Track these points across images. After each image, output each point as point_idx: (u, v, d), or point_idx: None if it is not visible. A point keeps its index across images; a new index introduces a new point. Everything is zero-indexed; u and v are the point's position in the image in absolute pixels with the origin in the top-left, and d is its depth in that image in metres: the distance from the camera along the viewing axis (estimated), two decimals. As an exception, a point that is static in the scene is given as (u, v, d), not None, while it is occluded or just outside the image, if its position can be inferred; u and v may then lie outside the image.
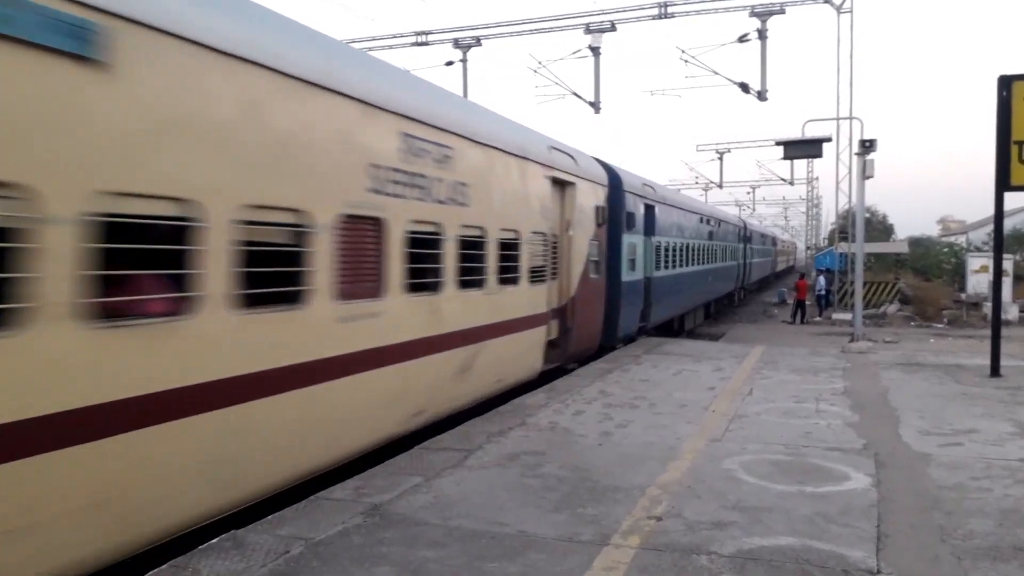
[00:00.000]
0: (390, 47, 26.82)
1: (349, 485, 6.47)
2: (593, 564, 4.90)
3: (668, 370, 13.26)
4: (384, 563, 4.89)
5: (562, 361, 12.85)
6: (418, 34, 26.91)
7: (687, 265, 22.99)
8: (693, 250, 23.95)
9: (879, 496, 6.30)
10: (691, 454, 7.59)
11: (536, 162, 11.39)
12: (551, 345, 12.36)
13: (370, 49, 24.75)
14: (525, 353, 11.25)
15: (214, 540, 5.20)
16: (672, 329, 22.44)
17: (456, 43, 27.10)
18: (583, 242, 13.57)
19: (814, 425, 8.94)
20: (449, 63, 27.46)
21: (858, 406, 10.12)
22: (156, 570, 4.74)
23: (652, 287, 18.52)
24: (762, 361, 14.54)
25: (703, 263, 25.98)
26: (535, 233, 11.36)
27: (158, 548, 5.10)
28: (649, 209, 18.21)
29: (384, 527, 5.51)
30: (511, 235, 10.45)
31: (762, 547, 5.18)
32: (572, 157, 13.29)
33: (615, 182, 15.70)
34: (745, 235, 39.60)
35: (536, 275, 11.38)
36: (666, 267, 20.08)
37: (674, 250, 21.12)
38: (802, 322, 29.04)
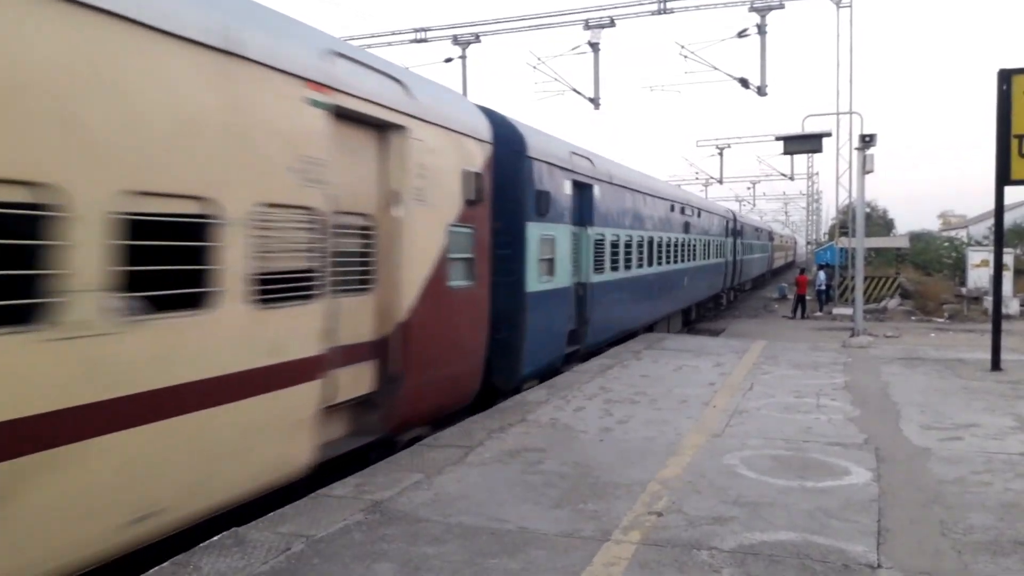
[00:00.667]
0: (389, 44, 26.79)
1: (350, 482, 6.48)
2: (594, 560, 4.90)
3: (668, 366, 13.26)
4: (385, 560, 4.89)
5: (388, 431, 7.65)
6: (417, 31, 26.88)
7: (651, 264, 18.59)
8: (660, 246, 19.53)
9: (880, 491, 6.30)
10: (692, 450, 7.60)
11: (273, 69, 5.92)
12: (363, 406, 7.43)
13: (368, 46, 24.72)
14: (243, 445, 5.72)
15: (215, 538, 5.21)
16: None
17: (455, 40, 27.05)
18: (432, 230, 8.27)
19: (815, 420, 8.94)
20: (448, 60, 27.43)
21: (859, 401, 10.12)
22: (157, 568, 4.75)
23: (590, 296, 13.79)
24: (762, 356, 14.54)
25: (676, 261, 21.52)
26: (279, 208, 5.97)
27: (158, 546, 5.10)
28: (583, 189, 13.66)
29: (385, 524, 5.52)
30: (186, 209, 5.26)
31: (763, 542, 5.18)
32: (400, 83, 7.77)
33: (511, 143, 10.62)
34: (735, 228, 34.70)
35: (283, 289, 6.00)
36: (615, 268, 15.44)
37: (628, 246, 16.48)
38: (803, 317, 29.04)
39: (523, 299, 10.98)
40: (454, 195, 8.77)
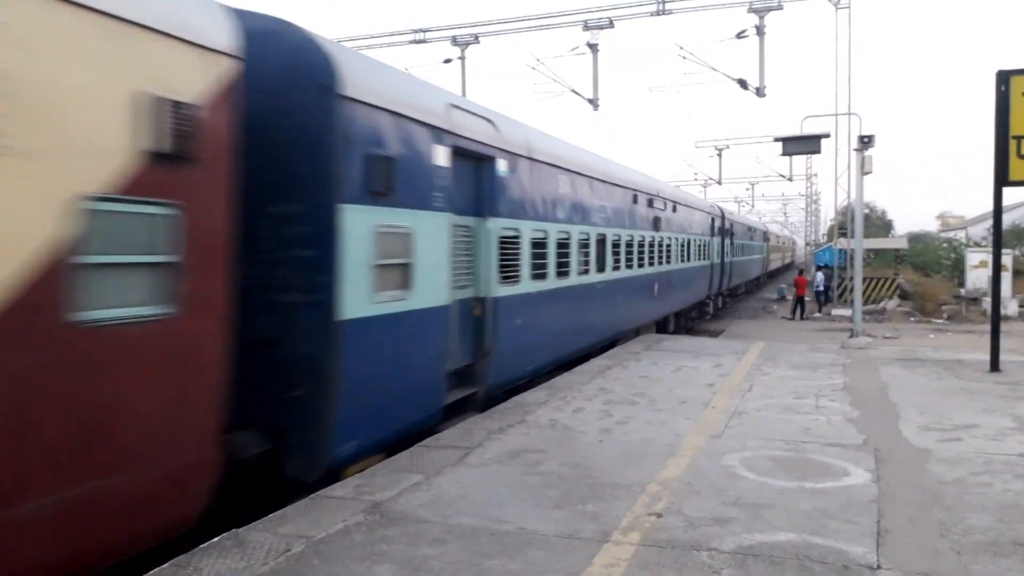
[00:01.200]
0: (388, 45, 26.79)
1: (350, 483, 6.49)
2: (594, 561, 4.91)
3: (668, 367, 13.26)
4: (385, 561, 4.90)
5: None
6: (416, 32, 26.88)
7: (603, 270, 14.63)
8: (617, 245, 15.62)
9: (879, 492, 6.31)
10: (691, 450, 7.60)
11: None
12: None
13: (367, 47, 24.73)
14: None
15: (215, 539, 5.21)
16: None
17: (454, 41, 27.05)
18: (11, 206, 4.13)
19: (814, 421, 8.95)
20: (447, 61, 27.44)
21: (858, 402, 10.13)
22: (157, 569, 4.75)
23: (496, 317, 9.77)
24: (762, 357, 14.54)
25: (641, 265, 17.62)
26: None
27: (159, 547, 5.11)
28: (480, 164, 9.68)
29: (385, 525, 5.52)
30: None
31: (762, 543, 5.19)
32: None
33: (299, 68, 6.79)
34: (722, 226, 30.85)
35: None
36: (540, 275, 11.44)
37: (564, 246, 12.48)
38: (802, 318, 29.07)
39: (334, 332, 6.61)
40: (105, 139, 4.72)
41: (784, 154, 22.70)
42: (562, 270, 12.43)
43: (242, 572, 4.71)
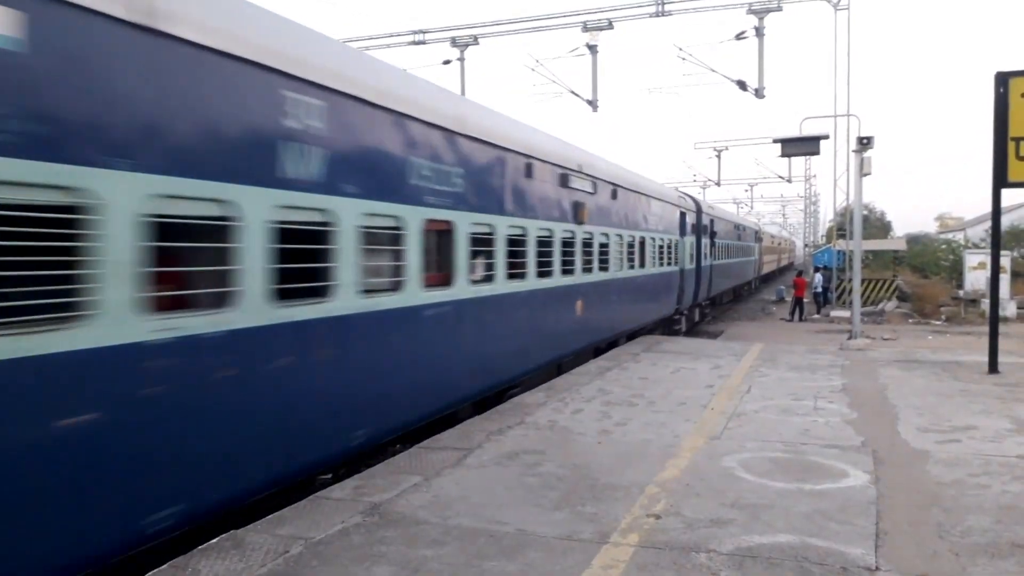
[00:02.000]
0: (387, 46, 26.80)
1: (348, 485, 6.49)
2: (592, 562, 4.91)
3: (667, 368, 13.26)
4: (383, 562, 4.90)
5: None
6: (415, 33, 26.88)
7: (445, 283, 8.71)
8: (482, 243, 9.67)
9: (877, 493, 6.32)
10: (690, 452, 7.60)
11: None
12: None
13: (367, 48, 24.74)
14: None
15: (214, 540, 5.21)
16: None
17: (453, 42, 27.06)
18: None
19: (812, 423, 8.95)
20: (446, 62, 27.44)
21: (856, 403, 10.13)
22: (156, 570, 4.75)
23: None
24: (760, 359, 14.55)
25: (547, 273, 11.80)
26: None
27: (158, 548, 5.10)
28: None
29: (383, 526, 5.52)
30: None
31: (761, 545, 5.19)
32: None
33: None
34: (699, 223, 25.19)
35: None
36: (204, 304, 5.23)
37: (309, 236, 6.22)
38: (800, 320, 29.07)
39: None
40: None
41: (783, 155, 22.66)
42: (322, 284, 6.42)
43: (240, 573, 4.71)
